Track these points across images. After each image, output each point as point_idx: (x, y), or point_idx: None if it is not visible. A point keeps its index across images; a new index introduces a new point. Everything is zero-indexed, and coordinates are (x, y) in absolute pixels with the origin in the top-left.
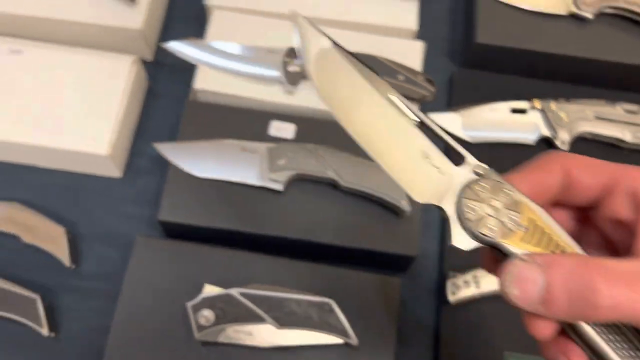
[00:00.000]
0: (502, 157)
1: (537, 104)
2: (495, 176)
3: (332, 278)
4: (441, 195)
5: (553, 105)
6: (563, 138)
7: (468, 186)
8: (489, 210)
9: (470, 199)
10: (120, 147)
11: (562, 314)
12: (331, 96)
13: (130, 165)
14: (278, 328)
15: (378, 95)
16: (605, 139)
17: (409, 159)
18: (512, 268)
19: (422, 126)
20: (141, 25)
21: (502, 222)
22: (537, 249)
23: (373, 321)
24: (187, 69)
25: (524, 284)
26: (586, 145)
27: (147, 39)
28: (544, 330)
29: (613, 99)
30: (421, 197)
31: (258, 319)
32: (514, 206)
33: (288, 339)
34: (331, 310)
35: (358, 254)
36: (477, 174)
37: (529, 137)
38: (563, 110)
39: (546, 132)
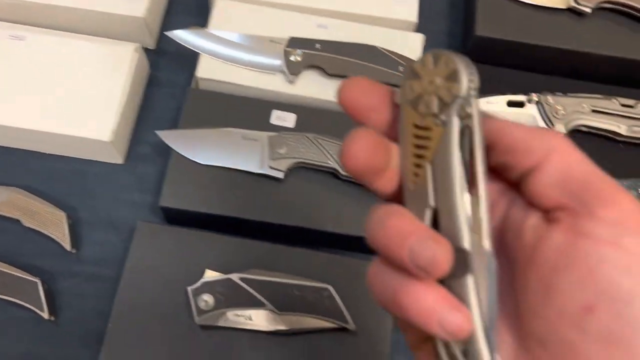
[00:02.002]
0: None
1: (534, 97)
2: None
3: (330, 265)
4: None
5: (550, 98)
6: (559, 130)
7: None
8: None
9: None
10: (122, 134)
11: None
12: None
13: (132, 153)
14: (277, 313)
15: None
16: (601, 132)
17: None
18: None
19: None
20: (144, 13)
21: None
22: None
23: (370, 306)
24: (189, 58)
25: None
26: (582, 138)
27: (150, 27)
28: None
29: (610, 93)
30: None
31: (258, 304)
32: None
33: (287, 323)
34: (329, 296)
35: (356, 242)
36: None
37: None
38: (560, 103)
39: (542, 125)
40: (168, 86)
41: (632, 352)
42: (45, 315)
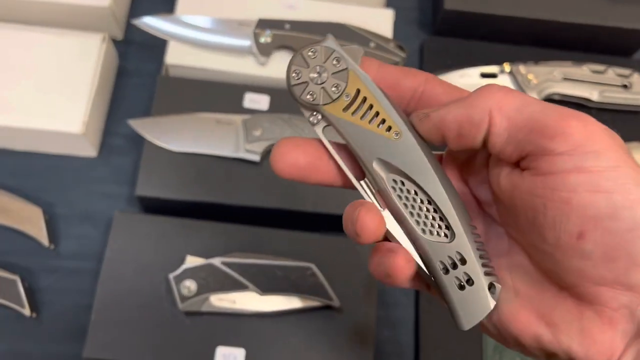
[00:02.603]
0: None
1: (507, 67)
2: (332, 43)
3: (312, 244)
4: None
5: (522, 68)
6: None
7: (300, 51)
8: (314, 75)
9: (297, 65)
10: (94, 126)
11: (459, 105)
12: None
13: (105, 145)
14: (261, 294)
15: None
16: (573, 99)
17: None
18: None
19: None
20: (109, 3)
21: (324, 89)
22: (359, 121)
23: (354, 283)
24: (157, 46)
25: None
26: None
27: (116, 16)
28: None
29: (580, 60)
30: None
31: (241, 287)
32: (342, 75)
33: (271, 304)
34: (313, 274)
35: (336, 220)
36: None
37: None
38: (532, 72)
39: None
40: (138, 76)
41: (634, 259)
42: (26, 312)
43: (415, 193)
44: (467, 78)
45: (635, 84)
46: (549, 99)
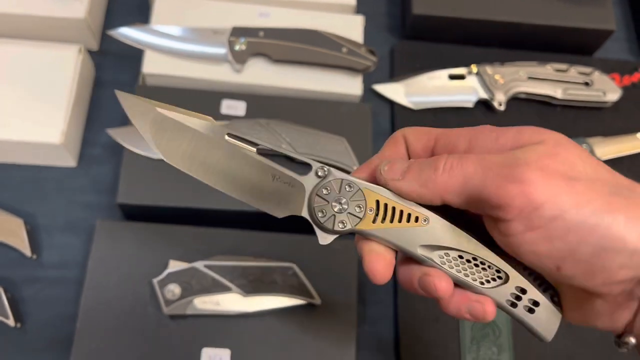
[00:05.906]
0: (445, 120)
1: (474, 68)
2: (337, 174)
3: (292, 245)
4: (298, 206)
5: (489, 69)
6: (499, 99)
7: (314, 192)
8: (337, 207)
9: (318, 204)
10: (73, 136)
11: (414, 185)
12: (175, 155)
13: (84, 155)
14: (244, 295)
15: (215, 139)
16: (538, 97)
17: (262, 184)
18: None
19: (261, 152)
20: (84, 15)
21: (350, 214)
22: (390, 224)
23: (335, 281)
24: (133, 56)
25: (393, 164)
26: (521, 104)
27: (92, 28)
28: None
29: (544, 60)
30: (282, 213)
31: (224, 289)
32: (359, 195)
33: (255, 304)
34: (294, 274)
35: None
36: (319, 176)
37: (468, 100)
38: (498, 73)
39: (484, 95)
40: (114, 86)
41: (609, 270)
42: (10, 322)
43: (460, 257)
44: (436, 80)
45: (595, 81)
46: (516, 98)
